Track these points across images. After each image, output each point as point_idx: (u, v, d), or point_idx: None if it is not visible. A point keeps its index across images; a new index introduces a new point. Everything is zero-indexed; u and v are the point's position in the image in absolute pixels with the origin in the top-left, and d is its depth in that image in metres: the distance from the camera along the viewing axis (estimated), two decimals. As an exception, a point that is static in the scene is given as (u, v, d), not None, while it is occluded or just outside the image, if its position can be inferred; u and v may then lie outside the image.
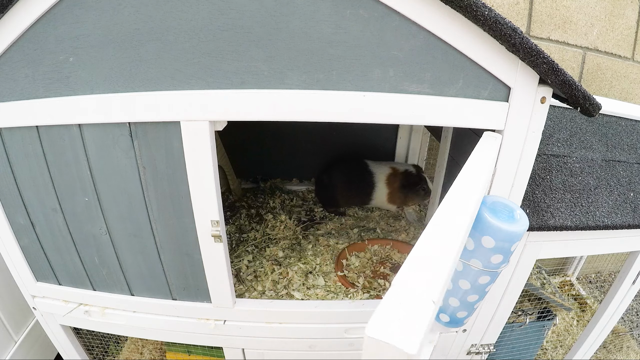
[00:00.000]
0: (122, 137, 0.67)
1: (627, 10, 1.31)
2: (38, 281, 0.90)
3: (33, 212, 0.79)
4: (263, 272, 1.02)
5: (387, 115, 0.64)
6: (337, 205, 1.31)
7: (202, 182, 0.69)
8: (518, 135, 0.66)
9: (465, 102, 0.64)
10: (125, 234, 0.78)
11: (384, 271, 1.05)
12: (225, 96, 0.62)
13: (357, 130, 1.42)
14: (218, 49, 0.59)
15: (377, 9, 0.57)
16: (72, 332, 1.03)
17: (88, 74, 0.63)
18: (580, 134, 0.95)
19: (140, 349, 1.16)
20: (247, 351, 0.94)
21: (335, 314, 0.88)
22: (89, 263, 0.84)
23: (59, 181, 0.74)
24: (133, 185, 0.72)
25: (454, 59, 0.61)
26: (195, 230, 0.74)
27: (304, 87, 0.62)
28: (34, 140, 0.70)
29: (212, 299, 0.84)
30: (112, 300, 0.88)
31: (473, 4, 0.53)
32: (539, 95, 0.64)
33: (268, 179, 1.52)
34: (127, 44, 0.60)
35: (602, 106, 0.63)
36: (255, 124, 0.67)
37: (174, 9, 0.57)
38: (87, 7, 0.58)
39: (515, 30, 0.55)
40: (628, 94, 1.45)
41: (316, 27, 0.58)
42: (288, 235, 1.18)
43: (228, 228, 1.20)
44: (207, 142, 0.66)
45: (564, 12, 1.28)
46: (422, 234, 0.40)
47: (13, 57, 0.63)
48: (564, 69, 0.58)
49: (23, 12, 0.59)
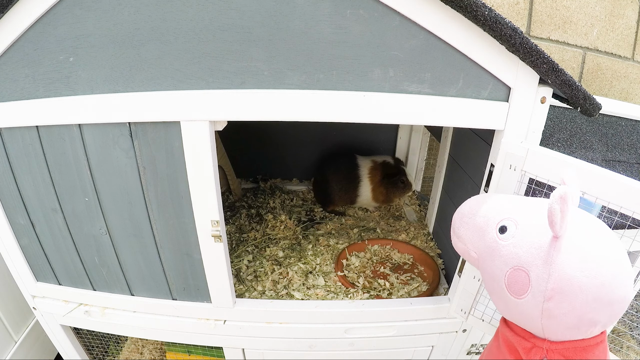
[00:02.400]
0: (122, 137, 0.67)
1: (627, 10, 1.31)
2: (38, 281, 0.90)
3: (33, 212, 0.79)
4: (263, 272, 1.02)
5: (387, 115, 0.64)
6: (331, 201, 1.31)
7: (202, 182, 0.69)
8: (518, 135, 0.66)
9: (465, 102, 0.64)
10: (125, 234, 0.78)
11: (384, 271, 1.05)
12: (225, 96, 0.62)
13: (357, 130, 1.42)
14: (218, 49, 0.59)
15: (377, 9, 0.57)
16: (72, 332, 1.03)
17: (88, 74, 0.63)
18: (580, 134, 0.95)
19: (140, 349, 1.16)
20: (247, 351, 0.94)
21: (335, 314, 0.88)
22: (89, 263, 0.84)
23: (59, 181, 0.74)
24: (133, 185, 0.72)
25: (454, 59, 0.61)
26: (195, 230, 0.74)
27: (304, 87, 0.62)
28: (34, 140, 0.70)
29: (212, 299, 0.84)
30: (112, 300, 0.88)
31: (473, 4, 0.53)
32: (539, 95, 0.64)
33: (268, 179, 1.52)
34: (127, 44, 0.60)
35: (602, 106, 0.63)
36: (255, 124, 0.67)
37: (174, 9, 0.57)
38: (87, 7, 0.58)
39: (515, 30, 0.55)
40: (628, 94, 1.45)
41: (316, 27, 0.58)
42: (288, 235, 1.18)
43: (228, 228, 1.20)
44: (207, 142, 0.66)
45: (564, 12, 1.28)
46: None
47: (13, 57, 0.63)
48: (564, 69, 0.58)
49: (23, 12, 0.59)
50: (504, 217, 0.52)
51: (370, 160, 1.28)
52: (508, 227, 0.51)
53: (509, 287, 0.48)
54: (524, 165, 0.63)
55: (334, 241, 1.15)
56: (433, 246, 1.15)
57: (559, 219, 0.43)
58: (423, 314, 0.88)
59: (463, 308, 0.81)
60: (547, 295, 0.44)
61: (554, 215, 0.43)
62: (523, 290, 0.47)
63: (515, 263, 0.48)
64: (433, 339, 0.93)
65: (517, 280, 0.47)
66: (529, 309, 0.46)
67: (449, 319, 0.89)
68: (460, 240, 0.58)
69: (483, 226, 0.54)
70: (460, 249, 0.59)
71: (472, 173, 0.89)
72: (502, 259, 0.49)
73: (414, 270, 1.06)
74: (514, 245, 0.49)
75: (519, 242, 0.48)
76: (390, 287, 0.98)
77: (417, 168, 1.51)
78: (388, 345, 0.93)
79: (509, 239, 0.50)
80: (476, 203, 0.58)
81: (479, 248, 0.54)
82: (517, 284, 0.47)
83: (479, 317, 0.79)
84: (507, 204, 0.54)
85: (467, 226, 0.57)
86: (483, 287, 0.76)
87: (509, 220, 0.51)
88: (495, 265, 0.50)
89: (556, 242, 0.45)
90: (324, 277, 1.00)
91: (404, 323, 0.89)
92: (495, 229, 0.52)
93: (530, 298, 0.46)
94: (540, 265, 0.45)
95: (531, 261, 0.46)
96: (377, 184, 1.26)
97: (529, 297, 0.46)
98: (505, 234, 0.51)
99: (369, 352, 0.95)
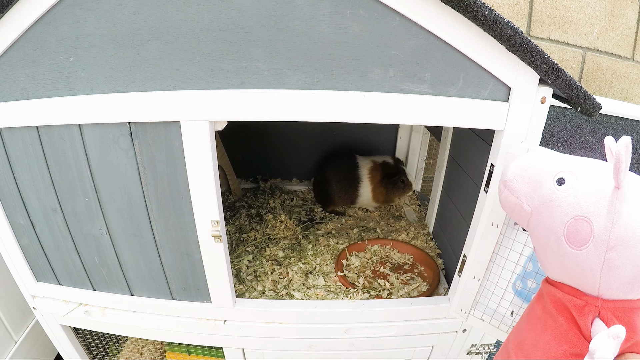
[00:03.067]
0: (122, 137, 0.67)
1: (627, 10, 1.30)
2: (38, 281, 0.90)
3: (33, 212, 0.79)
4: (263, 272, 1.02)
5: (387, 115, 0.64)
6: (331, 201, 1.31)
7: (202, 182, 0.69)
8: (518, 135, 0.66)
9: (465, 102, 0.64)
10: (125, 234, 0.78)
11: (384, 271, 1.05)
12: (225, 96, 0.62)
13: (357, 130, 1.42)
14: (218, 49, 0.59)
15: (377, 9, 0.57)
16: (72, 332, 1.03)
17: (88, 74, 0.63)
18: (580, 134, 0.95)
19: (140, 349, 1.16)
20: (247, 351, 0.94)
21: (335, 314, 0.88)
22: (89, 263, 0.84)
23: (59, 181, 0.74)
24: (133, 185, 0.72)
25: (454, 59, 0.61)
26: (195, 230, 0.74)
27: (304, 87, 0.62)
28: (34, 140, 0.70)
29: (212, 299, 0.84)
30: (112, 300, 0.88)
31: (473, 4, 0.53)
32: (539, 95, 0.64)
33: (268, 179, 1.52)
34: (127, 44, 0.60)
35: (602, 106, 0.63)
36: (255, 124, 0.67)
37: (174, 9, 0.57)
38: (87, 7, 0.58)
39: (515, 30, 0.55)
40: (628, 94, 1.45)
41: (316, 27, 0.58)
42: (288, 235, 1.18)
43: (228, 228, 1.20)
44: (207, 142, 0.66)
45: (564, 12, 1.28)
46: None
47: (13, 57, 0.63)
48: (564, 69, 0.58)
49: (23, 12, 0.59)
50: (561, 169, 0.51)
51: (370, 161, 1.28)
52: (566, 178, 0.50)
53: (568, 239, 0.47)
54: (524, 165, 0.63)
55: (334, 241, 1.15)
56: (433, 246, 1.15)
57: (624, 166, 0.43)
58: (423, 314, 0.88)
59: (463, 308, 0.81)
60: (611, 245, 0.44)
61: (620, 162, 0.43)
62: (585, 241, 0.46)
63: (577, 213, 0.47)
64: (433, 339, 0.93)
65: (579, 230, 0.46)
66: (589, 260, 0.46)
67: (449, 319, 0.89)
68: (513, 194, 0.56)
69: (540, 178, 0.53)
70: (511, 202, 0.57)
71: (472, 173, 0.89)
72: (562, 209, 0.48)
73: (414, 270, 1.06)
74: (574, 196, 0.48)
75: (580, 192, 0.47)
76: (390, 287, 0.98)
77: (417, 168, 1.51)
78: (388, 345, 0.93)
79: (568, 189, 0.49)
80: (530, 158, 0.56)
81: (534, 200, 0.53)
82: (579, 233, 0.46)
83: (479, 317, 0.79)
84: (562, 158, 0.54)
85: (521, 179, 0.55)
86: (483, 287, 0.77)
87: (567, 172, 0.50)
88: (554, 217, 0.49)
89: (618, 192, 0.45)
90: (324, 277, 1.00)
91: (404, 323, 0.89)
92: (553, 181, 0.51)
93: (592, 248, 0.45)
94: (604, 214, 0.45)
95: (594, 210, 0.46)
96: (377, 184, 1.26)
97: (591, 247, 0.45)
98: (564, 184, 0.50)
99: (369, 352, 0.95)
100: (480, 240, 0.73)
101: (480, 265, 0.75)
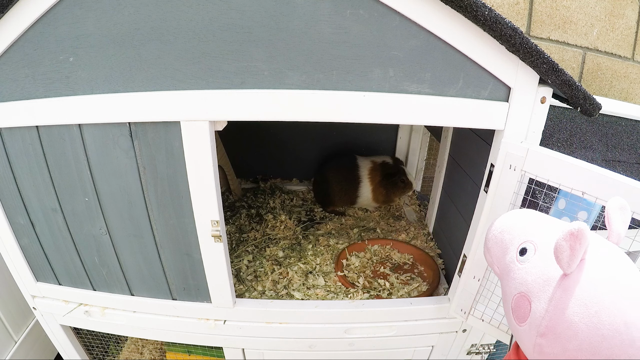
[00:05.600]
0: (122, 137, 0.67)
1: (627, 10, 1.30)
2: (38, 281, 0.90)
3: (33, 212, 0.79)
4: (263, 272, 1.02)
5: (387, 115, 0.64)
6: (331, 201, 1.31)
7: (202, 182, 0.69)
8: (518, 135, 0.66)
9: (465, 102, 0.64)
10: (125, 234, 0.78)
11: (384, 271, 1.05)
12: (225, 96, 0.62)
13: (357, 130, 1.42)
14: (218, 49, 0.59)
15: (377, 9, 0.57)
16: (72, 332, 1.03)
17: (88, 74, 0.63)
18: (580, 134, 0.95)
19: (140, 349, 1.16)
20: (247, 351, 0.94)
21: (335, 314, 0.88)
22: (89, 263, 0.84)
23: (59, 181, 0.74)
24: (133, 185, 0.72)
25: (454, 59, 0.61)
26: (195, 230, 0.74)
27: (304, 87, 0.62)
28: (34, 140, 0.70)
29: (212, 299, 0.84)
30: (112, 300, 0.88)
31: (473, 4, 0.53)
32: (539, 95, 0.64)
33: (268, 179, 1.52)
34: (127, 44, 0.60)
35: (602, 106, 0.63)
36: (255, 124, 0.67)
37: (174, 9, 0.57)
38: (87, 7, 0.58)
39: (515, 30, 0.55)
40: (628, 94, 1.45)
41: (316, 27, 0.58)
42: (288, 235, 1.18)
43: (228, 228, 1.20)
44: (207, 142, 0.66)
45: (564, 12, 1.28)
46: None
47: (13, 57, 0.63)
48: (564, 69, 0.58)
49: (23, 12, 0.59)
50: (528, 239, 0.50)
51: (370, 161, 1.28)
52: (528, 250, 0.49)
53: (513, 311, 0.48)
54: (524, 165, 0.63)
55: (334, 241, 1.15)
56: (433, 246, 1.15)
57: (566, 256, 0.40)
58: (423, 314, 0.88)
59: (463, 308, 0.81)
60: (541, 331, 0.43)
61: (560, 252, 0.40)
62: (524, 318, 0.46)
63: (522, 289, 0.46)
64: (433, 339, 0.93)
65: (521, 307, 0.46)
66: (524, 338, 0.46)
67: (448, 319, 0.89)
68: (488, 253, 0.57)
69: (507, 244, 0.52)
70: (487, 260, 0.58)
71: (472, 173, 0.89)
72: (514, 281, 0.48)
73: (414, 270, 1.06)
74: (525, 271, 0.47)
75: (531, 269, 0.46)
76: (390, 287, 0.98)
77: (417, 168, 1.51)
78: (388, 345, 0.93)
79: (525, 262, 0.48)
80: (510, 218, 0.55)
81: (501, 265, 0.53)
82: (520, 310, 0.46)
83: (479, 317, 0.79)
84: (537, 224, 0.52)
85: (495, 240, 0.55)
86: (483, 287, 0.77)
87: (531, 244, 0.49)
88: (508, 286, 0.50)
89: (564, 280, 0.42)
90: (324, 277, 1.00)
91: (404, 323, 0.89)
92: (516, 250, 0.50)
93: (527, 328, 0.45)
94: (544, 299, 0.43)
95: (536, 291, 0.44)
96: (377, 184, 1.26)
97: (526, 327, 0.45)
98: (524, 256, 0.49)
99: (369, 352, 0.95)
100: (480, 240, 0.73)
101: (480, 265, 0.75)
